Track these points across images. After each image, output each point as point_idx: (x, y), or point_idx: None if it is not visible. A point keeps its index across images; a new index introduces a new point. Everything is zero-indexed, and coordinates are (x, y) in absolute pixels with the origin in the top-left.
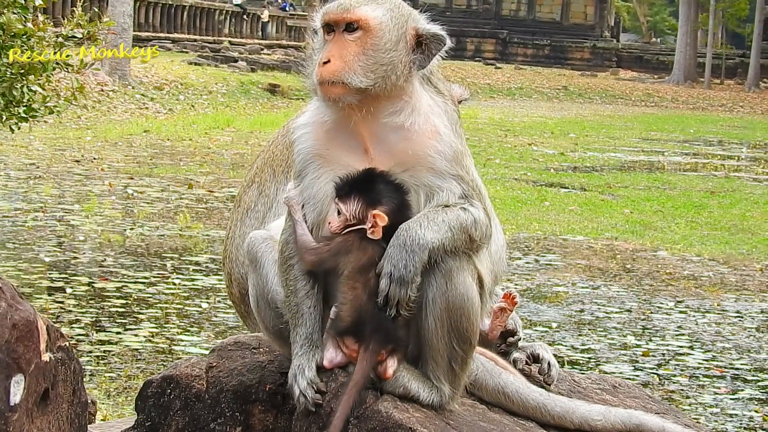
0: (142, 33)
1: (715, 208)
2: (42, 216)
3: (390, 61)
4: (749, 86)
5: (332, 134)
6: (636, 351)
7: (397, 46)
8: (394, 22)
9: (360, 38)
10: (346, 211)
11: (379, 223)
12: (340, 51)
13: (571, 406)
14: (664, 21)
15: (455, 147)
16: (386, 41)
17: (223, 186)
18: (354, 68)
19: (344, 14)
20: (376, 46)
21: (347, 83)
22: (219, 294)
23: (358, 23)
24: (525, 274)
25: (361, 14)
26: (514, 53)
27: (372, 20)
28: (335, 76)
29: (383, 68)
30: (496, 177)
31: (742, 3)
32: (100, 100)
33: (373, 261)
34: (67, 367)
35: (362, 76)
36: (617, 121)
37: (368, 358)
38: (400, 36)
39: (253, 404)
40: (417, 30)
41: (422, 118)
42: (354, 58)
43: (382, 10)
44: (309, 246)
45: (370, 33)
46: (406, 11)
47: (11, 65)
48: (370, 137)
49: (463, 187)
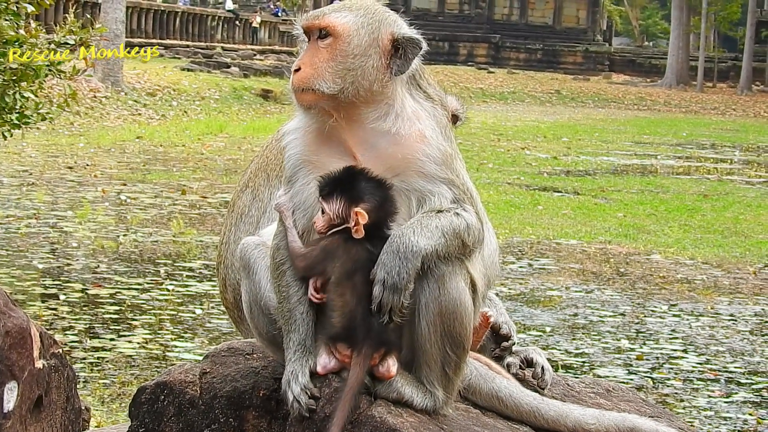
0: (135, 39)
1: (708, 211)
2: (35, 223)
3: (359, 66)
4: (741, 89)
5: (321, 140)
6: (630, 355)
7: (367, 51)
8: (366, 28)
9: (330, 44)
10: (329, 211)
11: (360, 221)
12: (312, 58)
13: (565, 410)
14: (657, 24)
15: (444, 150)
16: (354, 46)
17: (217, 192)
18: (323, 74)
19: (315, 21)
20: (344, 51)
21: (317, 90)
22: (212, 300)
23: (327, 29)
24: (518, 279)
25: (329, 20)
26: (507, 57)
27: (339, 26)
28: (305, 83)
29: (351, 74)
30: (489, 181)
31: (734, 6)
32: (92, 107)
33: (358, 265)
34: (61, 373)
35: (331, 82)
36: (610, 125)
37: (362, 363)
38: (372, 41)
39: (247, 410)
40: (392, 35)
41: (408, 122)
42: (323, 65)
43: (352, 16)
44: (299, 252)
45: (339, 39)
46: (380, 17)
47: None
48: (357, 143)
49: (453, 191)
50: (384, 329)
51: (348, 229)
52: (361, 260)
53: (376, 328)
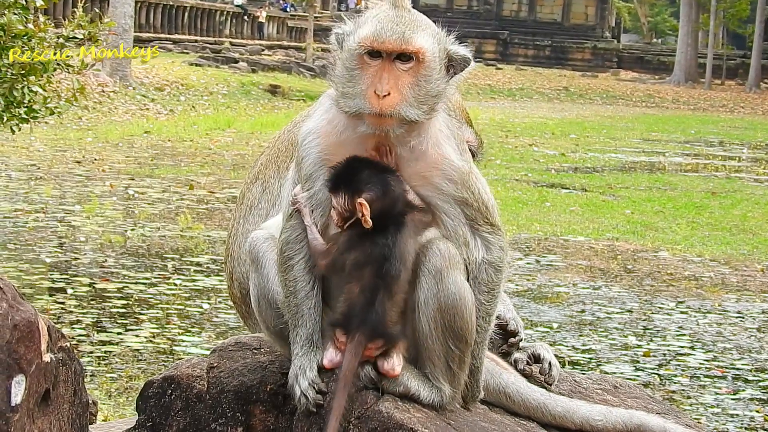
0: (143, 34)
1: (716, 208)
2: (43, 217)
3: (439, 92)
4: (750, 87)
5: (342, 143)
6: (637, 351)
7: (440, 74)
8: (438, 50)
9: (413, 68)
10: (337, 204)
11: (364, 212)
12: (396, 82)
13: (572, 406)
14: (665, 21)
15: (460, 168)
16: (436, 71)
17: (224, 187)
18: (410, 101)
19: (402, 45)
20: (428, 77)
21: (403, 116)
22: (220, 295)
23: (415, 54)
24: (526, 275)
25: (418, 45)
26: (515, 54)
27: (428, 53)
28: (395, 110)
29: (434, 99)
30: (498, 178)
31: (743, 4)
32: (100, 101)
33: (371, 258)
34: (68, 367)
35: (416, 109)
36: (618, 122)
37: (354, 350)
38: (442, 65)
39: (254, 405)
40: (448, 53)
41: (432, 141)
42: (409, 90)
43: (432, 40)
44: (320, 249)
45: (423, 64)
46: (442, 36)
47: (12, 66)
48: (381, 153)
49: (466, 213)
50: (380, 321)
51: (360, 221)
52: (373, 254)
53: (373, 318)
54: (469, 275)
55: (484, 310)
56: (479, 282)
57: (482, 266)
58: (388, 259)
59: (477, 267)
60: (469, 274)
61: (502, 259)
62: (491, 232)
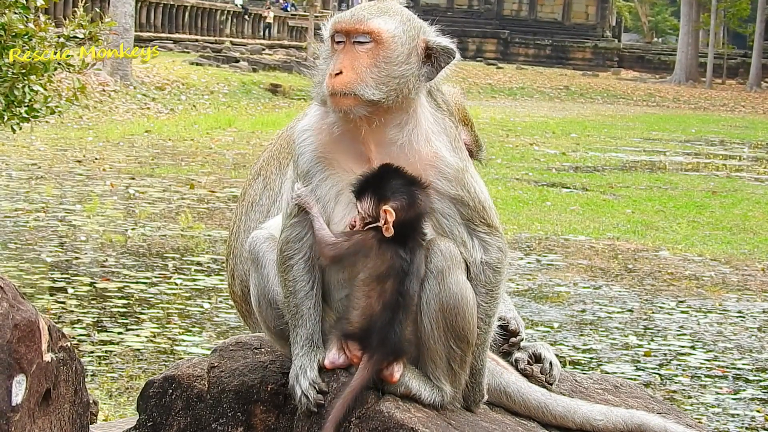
0: (144, 33)
1: (717, 208)
2: (44, 216)
3: (402, 74)
4: (751, 86)
5: (336, 140)
6: (638, 351)
7: (408, 59)
8: (407, 35)
9: (372, 50)
10: (361, 209)
11: (389, 219)
12: (352, 62)
13: (573, 406)
14: (666, 21)
15: (454, 165)
16: (398, 54)
17: (225, 186)
18: (366, 80)
19: (357, 25)
20: (388, 58)
21: (359, 95)
22: (221, 294)
23: (371, 35)
24: (527, 274)
25: (374, 26)
26: (516, 53)
27: (385, 33)
28: (347, 88)
29: (395, 81)
30: (498, 177)
31: (743, 3)
32: (101, 101)
33: (392, 272)
34: (69, 367)
35: (374, 89)
36: (619, 121)
37: (370, 368)
38: (412, 49)
39: (255, 404)
40: (427, 43)
41: (423, 137)
42: (366, 70)
43: (395, 22)
44: (328, 240)
45: (382, 45)
46: (417, 24)
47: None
48: (374, 148)
49: (462, 212)
50: (400, 340)
51: (381, 229)
52: (394, 267)
53: (393, 339)
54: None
55: (483, 311)
56: (478, 283)
57: (481, 267)
58: (408, 275)
59: (476, 268)
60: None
61: (500, 261)
62: (489, 233)
